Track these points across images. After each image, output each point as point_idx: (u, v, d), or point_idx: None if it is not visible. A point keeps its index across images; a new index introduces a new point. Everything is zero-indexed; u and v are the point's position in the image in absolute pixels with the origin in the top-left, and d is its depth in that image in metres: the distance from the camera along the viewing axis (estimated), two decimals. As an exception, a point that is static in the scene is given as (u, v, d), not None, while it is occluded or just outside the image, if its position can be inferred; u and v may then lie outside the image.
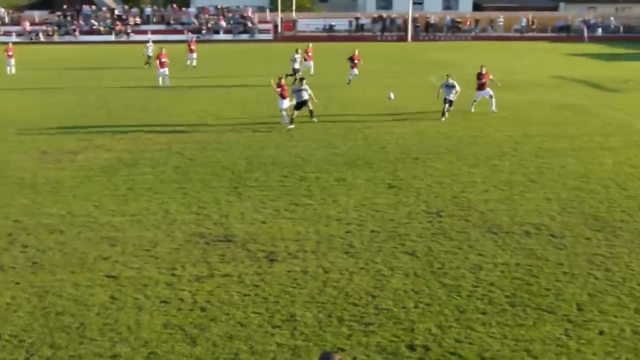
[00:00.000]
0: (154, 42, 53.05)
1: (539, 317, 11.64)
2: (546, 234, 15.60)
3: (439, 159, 22.32)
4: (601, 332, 11.17)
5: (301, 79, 29.52)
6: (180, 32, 76.04)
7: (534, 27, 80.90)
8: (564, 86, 39.55)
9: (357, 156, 22.66)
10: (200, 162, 21.95)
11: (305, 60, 44.31)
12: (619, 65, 52.39)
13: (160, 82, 39.14)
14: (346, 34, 79.16)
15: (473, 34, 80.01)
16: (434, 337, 11.00)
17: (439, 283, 12.99)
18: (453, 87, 28.96)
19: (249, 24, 78.95)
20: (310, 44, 46.22)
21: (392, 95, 30.98)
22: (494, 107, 30.28)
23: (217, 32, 77.02)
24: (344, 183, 19.63)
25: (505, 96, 35.01)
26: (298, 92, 27.70)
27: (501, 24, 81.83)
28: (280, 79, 27.99)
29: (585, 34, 78.80)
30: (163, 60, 39.07)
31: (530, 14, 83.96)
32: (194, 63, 49.37)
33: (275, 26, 79.03)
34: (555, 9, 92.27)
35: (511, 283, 13.00)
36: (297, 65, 41.74)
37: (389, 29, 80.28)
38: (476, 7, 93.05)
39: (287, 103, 27.77)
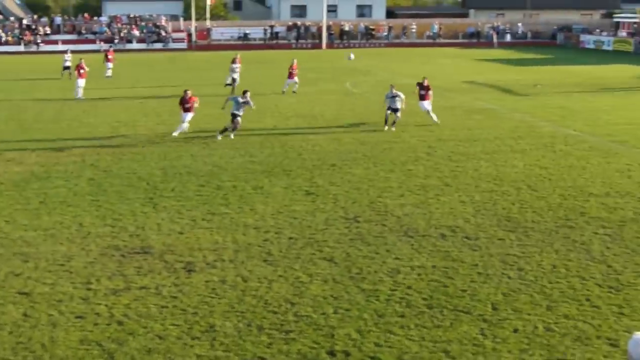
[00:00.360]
0: (72, 52, 51.28)
1: (456, 318, 11.85)
2: (461, 236, 15.91)
3: (355, 165, 22.52)
4: (515, 330, 11.43)
5: (244, 91, 27.68)
6: (92, 41, 74.72)
7: (440, 34, 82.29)
8: (475, 91, 40.40)
9: (274, 164, 22.67)
10: (115, 173, 21.61)
11: (290, 77, 39.93)
12: (527, 70, 53.82)
13: (80, 93, 37.95)
14: (261, 42, 79.14)
15: (386, 40, 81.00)
16: (353, 342, 11.07)
17: (358, 288, 13.09)
18: (397, 96, 28.56)
19: (163, 33, 78.15)
20: (295, 60, 41.10)
21: (352, 56, 29.62)
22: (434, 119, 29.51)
23: (130, 41, 75.98)
24: (261, 191, 19.61)
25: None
26: (241, 104, 26.75)
27: (414, 30, 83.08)
28: (185, 91, 27.46)
29: (495, 39, 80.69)
30: (82, 70, 38.16)
31: (441, 21, 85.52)
32: (109, 73, 48.17)
33: (190, 35, 78.43)
34: (466, 15, 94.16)
35: (428, 285, 13.20)
36: (236, 75, 40.34)
37: (304, 37, 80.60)
38: (389, 14, 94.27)
39: (190, 117, 27.12)
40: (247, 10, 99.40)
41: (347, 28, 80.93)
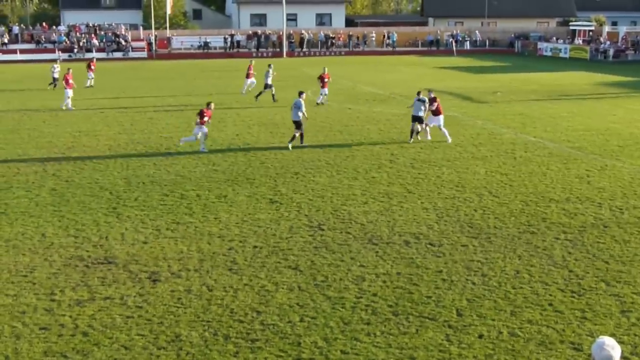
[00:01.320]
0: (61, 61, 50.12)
1: (422, 325, 11.94)
2: (425, 243, 16.02)
3: (318, 173, 22.58)
4: (480, 336, 11.55)
5: (301, 94, 27.10)
6: (51, 50, 73.98)
7: (389, 42, 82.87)
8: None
9: (237, 172, 22.65)
10: (77, 183, 21.41)
11: (323, 86, 38.08)
12: (486, 78, 54.37)
13: (70, 104, 37.24)
14: (221, 50, 79.01)
15: (346, 49, 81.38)
16: (320, 350, 11.10)
17: (323, 296, 13.13)
18: (424, 102, 27.03)
19: (122, 42, 77.65)
20: (326, 68, 39.45)
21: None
22: (449, 139, 27.47)
23: (89, 50, 75.30)
24: (225, 200, 19.58)
25: (381, 109, 35.84)
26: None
27: (373, 39, 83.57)
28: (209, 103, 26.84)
29: (454, 47, 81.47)
30: (71, 81, 37.60)
31: (400, 29, 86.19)
32: (91, 83, 47.32)
33: (150, 44, 78.00)
34: (425, 24, 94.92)
35: (393, 292, 13.27)
36: (269, 81, 39.68)
37: (264, 45, 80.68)
38: (349, 22, 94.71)
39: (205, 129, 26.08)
40: (207, 19, 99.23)
41: (307, 36, 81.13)
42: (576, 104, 38.73)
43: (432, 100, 27.41)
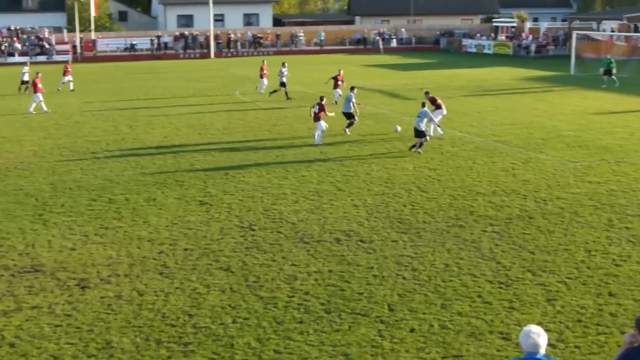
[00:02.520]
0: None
1: (354, 321, 12.02)
2: (356, 240, 16.14)
3: (248, 173, 22.52)
4: (412, 330, 11.69)
5: (353, 89, 29.95)
6: (-29, 55, 72.12)
7: (317, 41, 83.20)
8: (364, 96, 40.89)
9: (166, 175, 22.43)
10: (1, 190, 20.91)
11: (336, 87, 38.40)
12: (413, 75, 54.94)
13: (44, 108, 36.12)
14: (148, 52, 78.09)
15: (274, 48, 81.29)
16: (253, 350, 11.09)
17: (256, 296, 13.11)
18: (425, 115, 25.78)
19: (46, 45, 76.07)
20: (342, 71, 40.34)
21: (398, 128, 27.96)
22: (431, 132, 27.42)
23: (12, 54, 73.55)
24: (154, 203, 19.38)
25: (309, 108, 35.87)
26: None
27: (301, 38, 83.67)
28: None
29: (381, 45, 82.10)
30: (40, 85, 36.54)
31: (328, 28, 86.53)
32: (71, 86, 45.96)
33: (74, 47, 76.62)
34: (352, 22, 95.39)
35: (325, 290, 13.34)
36: (284, 79, 40.31)
37: (192, 47, 79.99)
38: (276, 22, 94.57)
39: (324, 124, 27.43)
40: (132, 21, 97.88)
41: (234, 37, 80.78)
42: (501, 99, 39.49)
43: (433, 101, 28.06)
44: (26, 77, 44.68)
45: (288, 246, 15.78)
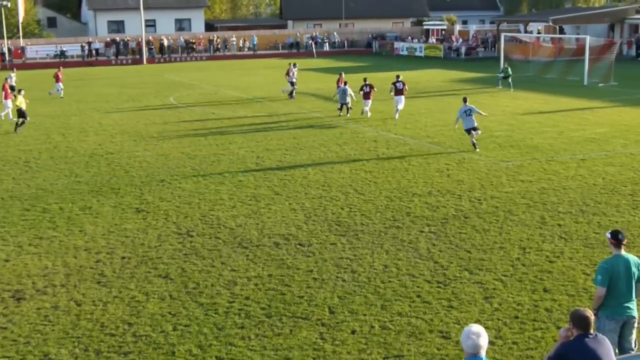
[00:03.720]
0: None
1: (295, 325, 12.06)
2: (294, 243, 16.18)
3: (184, 179, 22.38)
4: (353, 332, 11.78)
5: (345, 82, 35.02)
6: None
7: (249, 45, 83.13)
8: (299, 100, 41.07)
9: (101, 183, 22.14)
10: None
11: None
12: (346, 78, 54.98)
13: (11, 115, 34.56)
14: (79, 59, 76.87)
15: (207, 54, 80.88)
16: (195, 357, 11.03)
17: (196, 303, 13.05)
18: (472, 110, 26.09)
19: (-28, 53, 74.34)
20: (343, 74, 40.38)
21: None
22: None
23: None
24: (90, 211, 19.11)
25: (244, 112, 35.86)
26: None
27: (234, 43, 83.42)
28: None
29: (314, 49, 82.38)
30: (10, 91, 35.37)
31: (260, 32, 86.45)
32: (60, 94, 44.72)
33: (2, 54, 74.98)
34: (284, 26, 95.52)
35: (266, 294, 13.35)
36: (294, 79, 41.77)
37: (123, 53, 79.06)
38: (209, 27, 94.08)
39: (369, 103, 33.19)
40: (62, 27, 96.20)
41: (166, 43, 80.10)
42: (433, 101, 40.02)
43: (402, 83, 33.33)
44: (13, 83, 42.94)
45: (227, 251, 15.74)
